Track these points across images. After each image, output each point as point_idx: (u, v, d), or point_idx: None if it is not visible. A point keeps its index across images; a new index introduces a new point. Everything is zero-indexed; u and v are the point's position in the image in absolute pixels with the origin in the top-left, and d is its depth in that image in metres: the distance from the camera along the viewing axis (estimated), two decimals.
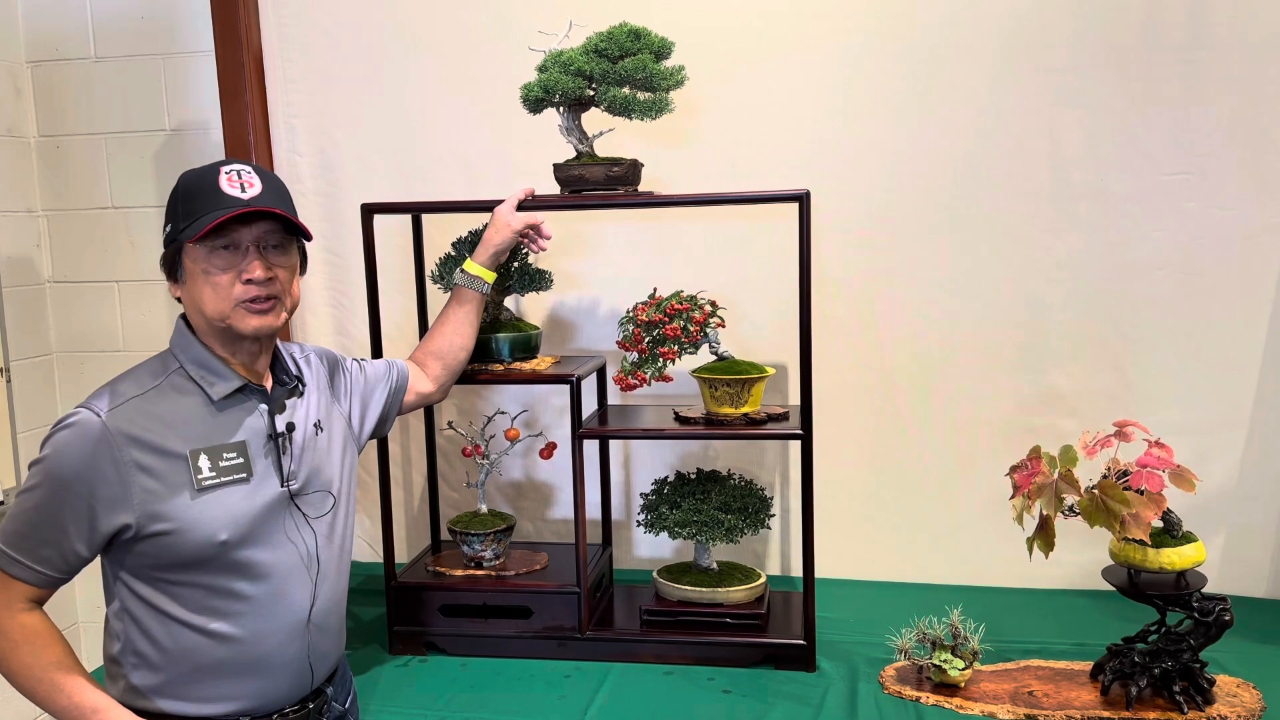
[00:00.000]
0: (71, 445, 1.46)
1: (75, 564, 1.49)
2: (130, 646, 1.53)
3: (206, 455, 1.52)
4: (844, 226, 2.47)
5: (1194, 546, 1.89)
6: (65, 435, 1.47)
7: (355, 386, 1.88)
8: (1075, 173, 2.40)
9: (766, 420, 2.18)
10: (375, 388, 1.93)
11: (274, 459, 1.60)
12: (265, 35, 2.69)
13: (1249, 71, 2.29)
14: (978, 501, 2.47)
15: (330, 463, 1.70)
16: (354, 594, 2.61)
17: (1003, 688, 1.99)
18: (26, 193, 2.85)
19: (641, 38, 2.13)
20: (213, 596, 1.53)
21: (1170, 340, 2.41)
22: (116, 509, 1.46)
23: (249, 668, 1.55)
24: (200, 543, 1.49)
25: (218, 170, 1.55)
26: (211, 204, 1.52)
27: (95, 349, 2.91)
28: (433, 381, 2.09)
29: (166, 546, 1.49)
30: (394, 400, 1.97)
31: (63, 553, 1.47)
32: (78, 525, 1.46)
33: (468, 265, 2.12)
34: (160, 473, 1.48)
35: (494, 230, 2.13)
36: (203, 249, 1.53)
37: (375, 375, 1.95)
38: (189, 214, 1.52)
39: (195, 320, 1.58)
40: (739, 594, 2.23)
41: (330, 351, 1.87)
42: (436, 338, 2.11)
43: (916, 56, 2.43)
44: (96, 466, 1.45)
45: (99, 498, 1.46)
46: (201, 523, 1.49)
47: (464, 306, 2.11)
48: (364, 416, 1.89)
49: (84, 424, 1.47)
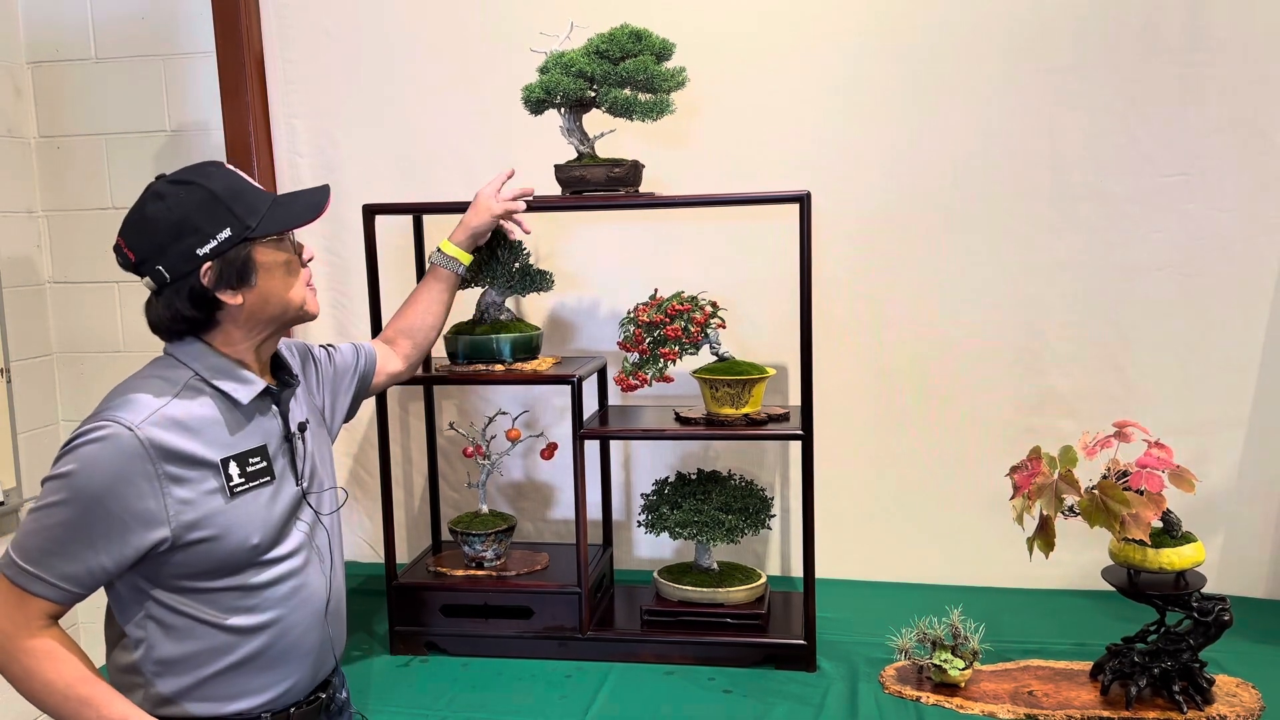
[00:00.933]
0: (103, 459, 1.40)
1: (100, 580, 1.44)
2: (153, 655, 1.50)
3: (235, 462, 1.51)
4: (845, 228, 2.47)
5: (1193, 547, 1.90)
6: (95, 450, 1.40)
7: (326, 378, 1.85)
8: (1075, 174, 2.40)
9: (767, 421, 2.18)
10: (344, 376, 1.90)
11: (288, 459, 1.61)
12: (266, 35, 2.69)
13: (1248, 73, 2.30)
14: (978, 502, 2.47)
15: (322, 458, 1.71)
16: (355, 594, 2.62)
17: (1003, 687, 1.99)
18: (27, 193, 2.85)
19: (643, 39, 2.13)
20: (242, 596, 1.52)
21: (1170, 341, 2.41)
22: (152, 525, 1.42)
23: (276, 660, 1.56)
24: (235, 548, 1.49)
25: (221, 166, 1.55)
26: (257, 196, 1.53)
27: (95, 349, 2.91)
28: (403, 360, 2.06)
29: (203, 554, 1.47)
30: (363, 386, 1.94)
31: (90, 569, 1.42)
32: (108, 542, 1.41)
33: (445, 245, 2.12)
34: (193, 482, 1.46)
35: (474, 213, 2.13)
36: (271, 242, 1.53)
37: (344, 363, 1.91)
38: (252, 211, 1.50)
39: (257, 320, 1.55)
40: (739, 594, 2.23)
41: (299, 342, 1.84)
42: (409, 315, 2.09)
43: (917, 58, 2.43)
44: (131, 481, 1.40)
45: (134, 514, 1.41)
46: (235, 527, 1.49)
47: (439, 285, 2.11)
48: (335, 407, 1.87)
49: (116, 438, 1.40)
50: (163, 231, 1.48)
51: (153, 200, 1.50)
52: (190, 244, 1.47)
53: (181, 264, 1.48)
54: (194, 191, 1.49)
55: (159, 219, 1.48)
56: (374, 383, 1.99)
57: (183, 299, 1.50)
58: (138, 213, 1.51)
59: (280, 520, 1.56)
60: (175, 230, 1.47)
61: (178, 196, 1.49)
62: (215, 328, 1.55)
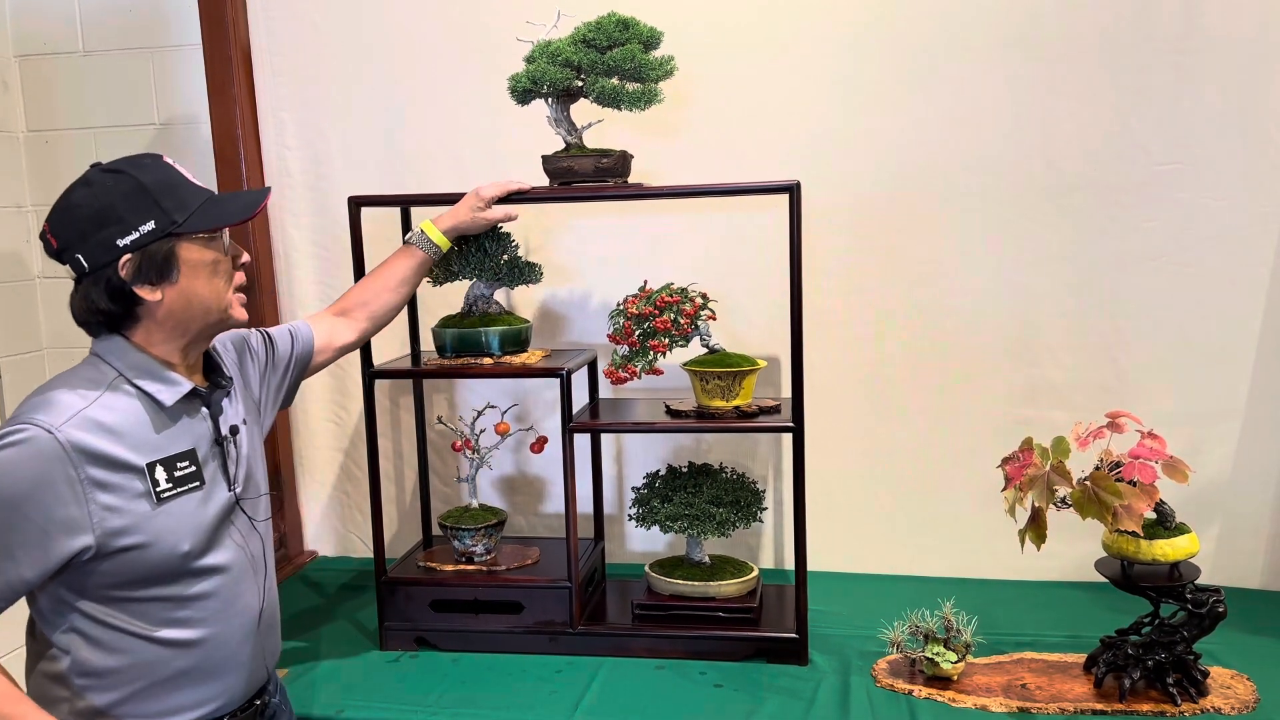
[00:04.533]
0: (21, 465, 1.33)
1: (21, 592, 1.37)
2: (81, 667, 1.45)
3: (162, 466, 1.46)
4: (835, 218, 2.45)
5: (1187, 538, 1.88)
6: (13, 454, 1.33)
7: (263, 368, 1.79)
8: (1068, 163, 2.39)
9: (758, 413, 2.17)
10: (281, 364, 1.84)
11: (220, 463, 1.56)
12: (253, 28, 2.68)
13: (1242, 61, 2.28)
14: (970, 494, 2.46)
15: (256, 460, 1.67)
16: (345, 589, 2.63)
17: (995, 680, 1.98)
18: (15, 188, 2.84)
19: (630, 28, 2.11)
20: (172, 607, 1.48)
21: (1163, 331, 2.40)
22: (74, 532, 1.36)
23: (209, 673, 1.53)
24: (164, 555, 1.45)
25: (159, 159, 1.50)
26: (191, 192, 1.49)
27: (85, 344, 2.85)
28: (355, 333, 2.01)
29: (130, 562, 1.42)
30: (301, 369, 1.89)
31: (8, 580, 1.35)
32: (28, 552, 1.34)
33: (429, 229, 2.09)
34: (118, 487, 1.40)
35: (466, 211, 2.11)
36: (199, 240, 1.48)
37: (282, 351, 1.84)
38: (181, 206, 1.46)
39: (178, 320, 1.49)
40: (731, 588, 2.22)
41: (235, 333, 1.74)
42: (372, 286, 2.04)
43: (907, 46, 2.41)
44: (51, 486, 1.34)
45: (54, 521, 1.35)
46: (164, 534, 1.44)
47: (410, 262, 2.07)
48: (273, 398, 1.82)
49: (35, 441, 1.33)
50: (85, 219, 1.43)
51: (80, 187, 1.46)
52: (111, 234, 1.42)
53: (101, 254, 1.43)
54: (122, 181, 1.45)
55: (83, 205, 1.43)
56: (317, 360, 1.93)
57: (99, 291, 1.45)
58: (65, 199, 1.46)
59: (211, 526, 1.51)
60: (98, 218, 1.42)
61: (105, 184, 1.45)
62: (135, 324, 1.49)
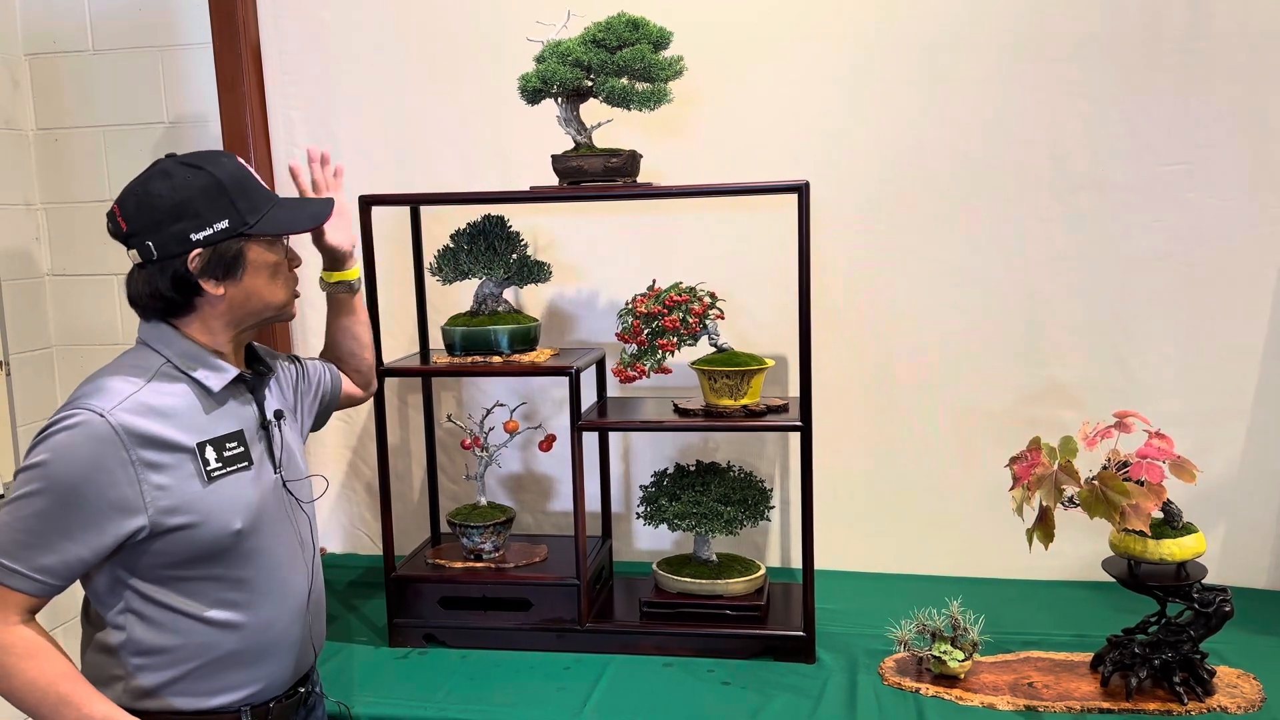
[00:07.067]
0: (76, 448, 1.39)
1: (78, 571, 1.43)
2: (135, 646, 1.49)
3: (212, 446, 1.51)
4: (844, 218, 2.46)
5: (1194, 537, 1.89)
6: (66, 437, 1.39)
7: (297, 383, 1.83)
8: (1075, 163, 2.39)
9: (766, 412, 2.17)
10: (314, 387, 1.87)
11: (265, 446, 1.61)
12: (263, 27, 2.68)
13: (1249, 62, 2.28)
14: (977, 493, 2.46)
15: (297, 449, 1.71)
16: (354, 586, 2.64)
17: (1002, 679, 1.99)
18: (25, 186, 2.84)
19: (640, 28, 2.11)
20: (224, 588, 1.52)
21: (1171, 331, 2.40)
22: (128, 512, 1.42)
23: (259, 655, 1.56)
24: (217, 533, 1.49)
25: (234, 158, 1.55)
26: (261, 195, 1.54)
27: (94, 342, 2.91)
28: (362, 388, 2.03)
29: (183, 541, 1.47)
30: (327, 404, 1.92)
31: (66, 561, 1.41)
32: (85, 532, 1.40)
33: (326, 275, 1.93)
34: (169, 468, 1.45)
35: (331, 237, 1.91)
36: (265, 242, 1.55)
37: (316, 375, 1.89)
38: (254, 208, 1.51)
39: (235, 314, 1.55)
40: (738, 586, 2.23)
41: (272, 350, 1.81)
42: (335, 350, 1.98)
43: (916, 47, 2.41)
44: (106, 469, 1.40)
45: (110, 501, 1.40)
46: (217, 512, 1.49)
47: (339, 310, 1.96)
48: (309, 409, 1.85)
49: (88, 424, 1.40)
50: (162, 209, 1.48)
51: (159, 177, 1.50)
52: (186, 227, 1.48)
53: (173, 245, 1.48)
54: (201, 177, 1.50)
55: (161, 196, 1.48)
56: (338, 401, 1.96)
57: (165, 279, 1.50)
58: (141, 186, 1.51)
59: (260, 506, 1.55)
60: (175, 211, 1.48)
61: (184, 178, 1.50)
62: (191, 314, 1.54)
